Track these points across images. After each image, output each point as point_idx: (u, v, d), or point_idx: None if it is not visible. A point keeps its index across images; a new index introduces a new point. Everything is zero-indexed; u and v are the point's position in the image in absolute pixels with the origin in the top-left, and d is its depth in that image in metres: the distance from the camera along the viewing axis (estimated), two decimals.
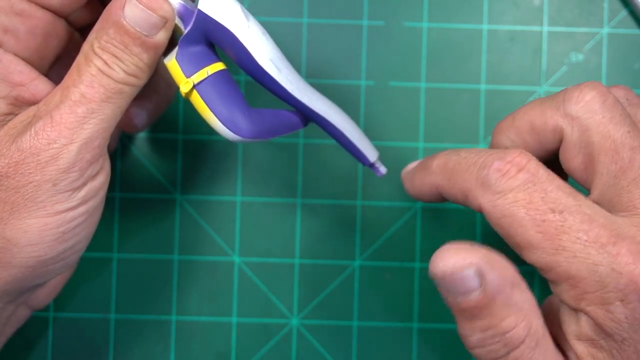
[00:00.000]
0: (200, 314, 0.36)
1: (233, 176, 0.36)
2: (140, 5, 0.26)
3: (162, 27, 0.26)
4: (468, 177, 0.26)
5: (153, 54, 0.27)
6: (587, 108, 0.26)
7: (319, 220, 0.36)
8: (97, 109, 0.26)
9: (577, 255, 0.24)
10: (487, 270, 0.24)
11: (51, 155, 0.25)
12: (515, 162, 0.25)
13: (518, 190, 0.25)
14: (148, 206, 0.36)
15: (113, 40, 0.26)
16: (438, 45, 0.36)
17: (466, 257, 0.24)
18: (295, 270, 0.36)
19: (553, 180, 0.25)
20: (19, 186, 0.25)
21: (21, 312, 0.31)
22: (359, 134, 0.31)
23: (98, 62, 0.26)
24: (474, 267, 0.24)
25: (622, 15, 0.36)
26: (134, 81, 0.26)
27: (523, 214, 0.24)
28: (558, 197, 0.24)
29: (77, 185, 0.26)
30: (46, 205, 0.26)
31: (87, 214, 0.27)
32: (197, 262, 0.36)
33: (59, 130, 0.25)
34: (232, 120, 0.27)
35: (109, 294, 0.36)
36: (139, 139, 0.36)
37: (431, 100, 0.36)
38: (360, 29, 0.36)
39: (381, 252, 0.36)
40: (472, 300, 0.24)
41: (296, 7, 0.36)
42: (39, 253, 0.26)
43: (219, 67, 0.28)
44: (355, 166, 0.36)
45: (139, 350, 0.36)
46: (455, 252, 0.24)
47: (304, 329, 0.36)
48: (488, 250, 0.25)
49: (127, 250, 0.36)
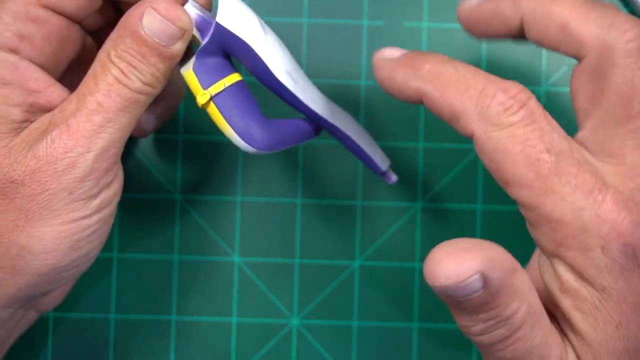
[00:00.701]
0: (200, 314, 0.36)
1: (233, 176, 0.36)
2: (159, 16, 0.26)
3: (179, 38, 0.26)
4: (466, 100, 0.25)
5: (169, 64, 0.27)
6: (627, 46, 0.25)
7: (319, 220, 0.36)
8: (113, 118, 0.26)
9: (565, 198, 0.24)
10: (489, 271, 0.23)
11: (67, 163, 0.25)
12: (517, 98, 0.24)
13: (517, 126, 0.24)
14: (148, 206, 0.36)
15: (130, 49, 0.26)
16: (438, 45, 0.36)
17: (467, 263, 0.23)
18: (295, 270, 0.36)
19: (550, 121, 0.25)
20: (35, 194, 0.25)
21: (29, 316, 0.31)
22: (371, 143, 0.31)
23: (115, 71, 0.26)
24: (478, 275, 0.23)
25: None
26: (150, 90, 0.27)
27: (518, 150, 0.24)
28: (554, 138, 0.24)
29: (92, 193, 0.26)
30: (61, 214, 0.26)
31: (101, 222, 0.27)
32: (197, 262, 0.36)
33: (76, 138, 0.25)
34: (248, 133, 0.28)
35: (109, 294, 0.36)
36: (140, 139, 0.36)
37: None
38: (360, 29, 0.36)
39: (381, 252, 0.36)
40: (476, 299, 0.24)
41: (296, 7, 0.36)
42: (53, 261, 0.26)
43: (235, 78, 0.28)
44: (356, 166, 0.36)
45: (139, 350, 0.36)
46: (453, 257, 0.23)
47: (304, 329, 0.36)
48: (484, 246, 0.24)
49: (127, 250, 0.36)
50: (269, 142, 0.28)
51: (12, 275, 0.26)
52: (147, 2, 0.26)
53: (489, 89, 0.25)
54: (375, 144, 0.31)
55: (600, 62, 0.25)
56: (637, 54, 0.25)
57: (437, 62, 0.26)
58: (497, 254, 0.24)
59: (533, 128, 0.24)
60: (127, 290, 0.36)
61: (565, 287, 0.25)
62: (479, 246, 0.24)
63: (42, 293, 0.28)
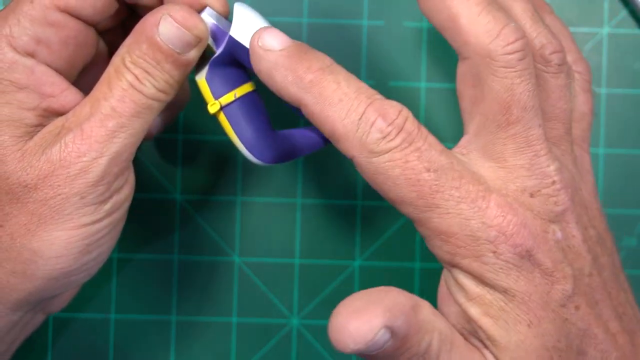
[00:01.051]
0: (200, 314, 0.36)
1: (233, 176, 0.36)
2: (176, 23, 0.26)
3: (195, 46, 0.26)
4: (347, 124, 0.25)
5: (184, 71, 0.27)
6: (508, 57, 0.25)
7: (319, 220, 0.36)
8: (127, 124, 0.26)
9: (449, 211, 0.25)
10: (392, 321, 0.23)
11: (80, 168, 0.25)
12: (395, 124, 0.25)
13: (395, 150, 0.25)
14: (148, 206, 0.36)
15: (145, 55, 0.26)
16: (438, 45, 0.36)
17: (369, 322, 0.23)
18: (295, 270, 0.36)
19: (427, 138, 0.25)
20: (47, 198, 0.25)
21: (37, 318, 0.31)
22: None
23: (129, 76, 0.26)
24: (383, 329, 0.23)
25: (622, 15, 0.36)
26: (163, 97, 0.27)
27: (398, 173, 0.25)
28: (432, 155, 0.25)
29: (103, 198, 0.26)
30: (73, 218, 0.26)
31: (111, 226, 0.27)
32: (197, 262, 0.36)
33: (89, 143, 0.25)
34: (256, 146, 0.28)
35: (109, 294, 0.36)
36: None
37: (431, 100, 0.36)
38: (360, 29, 0.36)
39: (381, 252, 0.36)
40: (388, 349, 0.24)
41: (296, 7, 0.36)
42: (63, 265, 0.26)
43: (247, 89, 0.28)
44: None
45: (139, 350, 0.36)
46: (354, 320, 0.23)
47: (304, 329, 0.36)
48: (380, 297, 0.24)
49: (127, 250, 0.36)
50: (276, 155, 0.28)
51: (24, 280, 0.26)
52: (164, 9, 0.26)
53: (369, 114, 0.25)
54: None
55: (482, 68, 0.26)
56: (517, 65, 0.25)
57: (320, 73, 0.25)
58: (394, 300, 0.24)
59: (411, 150, 0.25)
60: (126, 290, 0.36)
61: (470, 295, 0.26)
62: (374, 299, 0.24)
63: (51, 296, 0.28)
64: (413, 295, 0.25)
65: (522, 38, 0.25)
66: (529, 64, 0.26)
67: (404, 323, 0.24)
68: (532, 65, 0.26)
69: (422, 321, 0.25)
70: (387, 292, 0.25)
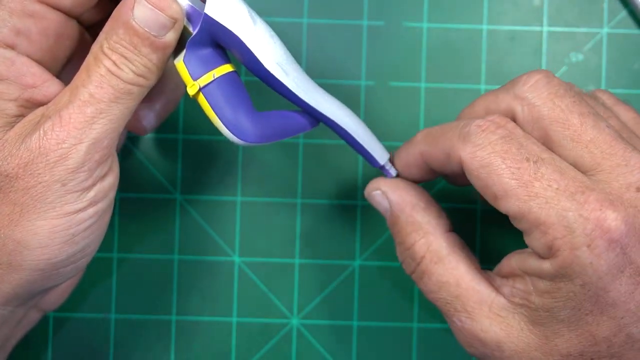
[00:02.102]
0: (200, 314, 0.36)
1: (233, 176, 0.36)
2: (149, 4, 0.26)
3: (171, 27, 0.26)
4: (450, 136, 0.28)
5: (162, 54, 0.27)
6: (534, 87, 0.28)
7: (319, 220, 0.36)
8: (105, 109, 0.26)
9: (548, 201, 0.25)
10: (389, 193, 0.30)
11: (60, 155, 0.25)
12: (494, 121, 0.27)
13: (496, 143, 0.26)
14: (148, 206, 0.36)
15: (122, 40, 0.26)
16: (438, 45, 0.36)
17: (377, 184, 0.31)
18: (295, 270, 0.36)
19: (529, 137, 0.27)
20: (29, 187, 0.25)
21: (32, 315, 0.31)
22: (369, 135, 0.31)
23: (107, 62, 0.26)
24: (379, 191, 0.31)
25: (621, 16, 0.36)
26: (143, 82, 0.27)
27: (500, 162, 0.26)
28: (532, 149, 0.26)
29: (86, 185, 0.26)
30: (55, 207, 0.26)
31: (96, 215, 0.27)
32: (197, 262, 0.36)
33: (68, 130, 0.25)
34: (237, 125, 0.27)
35: (109, 294, 0.36)
36: (140, 139, 0.36)
37: (431, 100, 0.36)
38: (360, 29, 0.36)
39: (381, 252, 0.36)
40: (387, 218, 0.31)
41: (296, 7, 0.36)
42: (49, 255, 0.26)
43: (226, 69, 0.28)
44: (356, 166, 0.36)
45: (139, 350, 0.36)
46: (374, 181, 0.31)
47: (304, 329, 0.36)
48: (400, 181, 0.31)
49: (127, 250, 0.36)
50: (259, 135, 0.28)
51: (9, 271, 0.26)
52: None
53: (468, 122, 0.27)
54: (373, 137, 0.31)
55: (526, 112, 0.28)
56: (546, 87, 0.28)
57: (425, 129, 0.30)
58: (402, 186, 0.31)
59: (512, 143, 0.26)
60: (126, 290, 0.36)
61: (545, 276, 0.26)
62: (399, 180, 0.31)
63: (41, 290, 0.28)
64: (424, 200, 0.30)
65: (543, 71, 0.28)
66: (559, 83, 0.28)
67: (396, 201, 0.30)
68: (563, 83, 0.28)
69: (415, 219, 0.30)
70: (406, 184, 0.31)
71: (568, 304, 0.26)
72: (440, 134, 0.29)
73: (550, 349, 0.26)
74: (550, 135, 0.27)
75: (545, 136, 0.27)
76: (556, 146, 0.27)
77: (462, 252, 0.29)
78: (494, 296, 0.28)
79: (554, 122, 0.27)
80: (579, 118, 0.27)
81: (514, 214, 0.26)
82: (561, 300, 0.26)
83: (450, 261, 0.29)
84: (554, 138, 0.27)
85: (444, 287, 0.29)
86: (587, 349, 0.26)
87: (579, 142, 0.26)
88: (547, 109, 0.27)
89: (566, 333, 0.26)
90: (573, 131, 0.27)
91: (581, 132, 0.27)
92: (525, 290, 0.27)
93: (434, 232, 0.29)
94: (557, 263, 0.25)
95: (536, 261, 0.26)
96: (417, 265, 0.29)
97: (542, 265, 0.26)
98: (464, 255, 0.29)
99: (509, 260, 0.28)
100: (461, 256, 0.29)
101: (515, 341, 0.27)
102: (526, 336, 0.27)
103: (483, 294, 0.28)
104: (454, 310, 0.28)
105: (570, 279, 0.25)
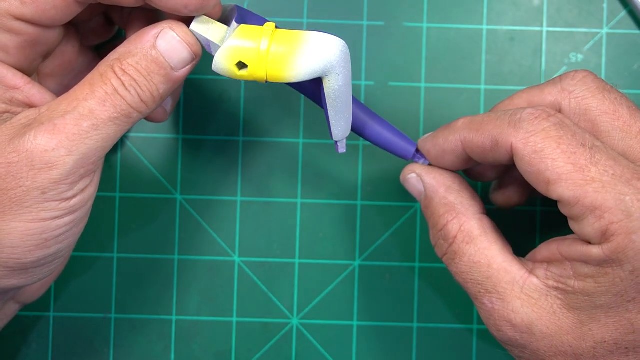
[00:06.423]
0: (200, 314, 0.36)
1: (233, 176, 0.36)
2: (178, 37, 0.26)
3: (189, 63, 0.27)
4: (500, 123, 0.27)
5: (170, 87, 0.27)
6: (582, 82, 0.28)
7: (319, 220, 0.36)
8: (101, 127, 0.26)
9: (605, 186, 0.25)
10: (423, 175, 0.30)
11: (46, 162, 0.25)
12: (546, 111, 0.27)
13: (550, 129, 0.26)
14: (148, 206, 0.36)
15: (138, 65, 0.26)
16: (438, 45, 0.36)
17: (412, 168, 0.31)
18: (295, 270, 0.36)
19: (580, 127, 0.27)
20: (8, 189, 0.25)
21: (9, 308, 0.30)
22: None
23: (115, 82, 0.26)
24: (414, 174, 0.31)
25: (621, 16, 0.36)
26: (143, 108, 0.27)
27: (555, 147, 0.26)
28: (586, 137, 0.26)
29: (65, 197, 0.26)
30: (32, 212, 0.26)
31: (72, 223, 0.27)
32: (197, 262, 0.36)
33: (60, 139, 0.25)
34: None
35: (109, 294, 0.36)
36: (139, 139, 0.36)
37: (431, 100, 0.36)
38: (360, 29, 0.36)
39: (381, 252, 0.36)
40: (422, 201, 0.31)
41: (296, 7, 0.36)
42: (19, 256, 0.26)
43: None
44: (356, 166, 0.36)
45: (139, 350, 0.36)
46: (409, 166, 0.31)
47: (304, 329, 0.36)
48: (434, 166, 0.31)
49: (127, 250, 0.36)
50: None
51: None
52: (166, 24, 0.26)
53: (518, 110, 0.27)
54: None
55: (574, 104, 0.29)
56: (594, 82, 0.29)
57: (466, 117, 0.30)
58: (436, 169, 0.31)
59: (565, 130, 0.26)
60: (126, 290, 0.36)
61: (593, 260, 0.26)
62: (434, 168, 0.31)
63: (14, 287, 0.28)
64: (459, 183, 0.30)
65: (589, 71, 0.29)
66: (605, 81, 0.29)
67: (430, 183, 0.30)
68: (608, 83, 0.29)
69: (448, 200, 0.30)
70: (440, 168, 0.31)
71: (612, 290, 0.25)
72: (487, 122, 0.28)
73: (584, 334, 0.26)
74: (599, 126, 0.27)
75: (593, 128, 0.28)
76: (605, 137, 0.27)
77: (495, 234, 0.29)
78: (526, 277, 0.27)
79: (603, 114, 0.27)
80: (628, 110, 0.27)
81: (568, 199, 0.26)
82: (605, 286, 0.25)
83: (482, 242, 0.28)
84: (602, 129, 0.27)
85: (475, 268, 0.28)
86: (623, 337, 0.26)
87: (629, 132, 0.27)
88: (597, 101, 0.28)
89: (603, 319, 0.26)
90: (623, 122, 0.27)
91: (631, 124, 0.27)
92: (563, 274, 0.27)
93: (467, 213, 0.29)
94: (609, 248, 0.25)
95: (582, 247, 0.26)
96: (449, 246, 0.29)
97: (590, 250, 0.26)
98: (496, 237, 0.29)
99: (548, 246, 0.28)
100: (494, 238, 0.29)
101: (547, 324, 0.27)
102: (559, 319, 0.27)
103: (515, 275, 0.28)
104: (485, 291, 0.28)
105: (621, 264, 0.25)
